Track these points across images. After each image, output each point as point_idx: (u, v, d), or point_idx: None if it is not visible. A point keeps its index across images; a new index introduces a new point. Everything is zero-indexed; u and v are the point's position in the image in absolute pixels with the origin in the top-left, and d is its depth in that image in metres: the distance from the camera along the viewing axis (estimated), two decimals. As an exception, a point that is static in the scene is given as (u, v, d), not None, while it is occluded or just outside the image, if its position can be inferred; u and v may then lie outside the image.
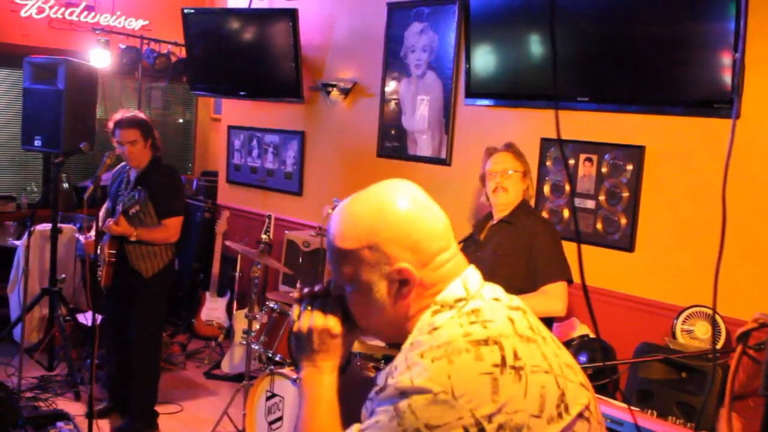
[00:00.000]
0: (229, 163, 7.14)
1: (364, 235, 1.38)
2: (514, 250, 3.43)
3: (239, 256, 6.05)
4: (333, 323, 1.49)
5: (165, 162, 4.74)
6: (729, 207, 1.64)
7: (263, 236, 4.83)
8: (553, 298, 3.33)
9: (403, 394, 1.27)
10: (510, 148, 3.68)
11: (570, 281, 3.40)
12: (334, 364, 1.51)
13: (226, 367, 5.52)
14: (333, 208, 3.79)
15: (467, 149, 5.08)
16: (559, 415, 1.30)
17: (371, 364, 3.79)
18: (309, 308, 1.53)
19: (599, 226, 4.36)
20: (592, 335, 4.10)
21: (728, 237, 1.73)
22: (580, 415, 1.33)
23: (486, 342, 1.29)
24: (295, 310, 1.56)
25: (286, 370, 3.82)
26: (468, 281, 1.42)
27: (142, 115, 4.67)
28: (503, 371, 1.27)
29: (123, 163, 4.68)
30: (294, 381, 3.57)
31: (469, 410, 1.23)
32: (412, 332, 1.38)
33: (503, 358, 1.28)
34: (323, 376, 1.50)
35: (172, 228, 4.51)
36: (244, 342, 4.47)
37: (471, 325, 1.32)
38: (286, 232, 6.07)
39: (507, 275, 3.15)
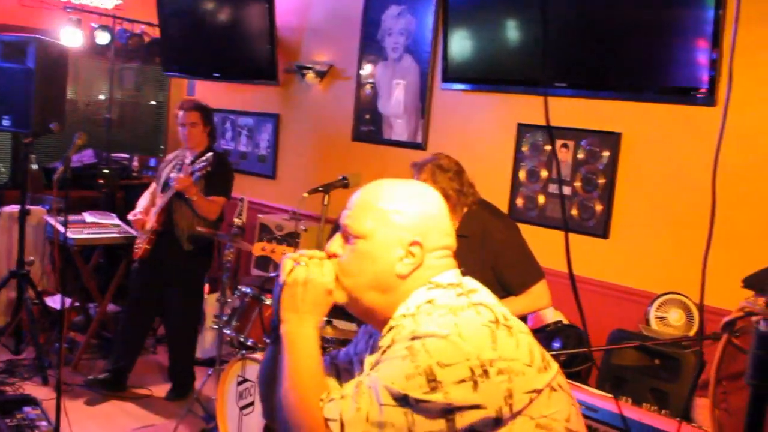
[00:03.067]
0: (202, 146, 7.04)
1: (401, 202, 1.59)
2: (475, 266, 3.18)
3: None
4: (329, 280, 1.59)
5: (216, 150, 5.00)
6: (706, 196, 1.62)
7: (236, 219, 4.77)
8: (538, 297, 3.32)
9: (416, 337, 1.43)
10: (418, 171, 3.33)
11: (543, 275, 3.35)
12: (317, 321, 1.60)
13: (197, 351, 5.46)
14: (308, 193, 3.76)
15: (443, 134, 5.04)
16: (545, 368, 1.50)
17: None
18: (306, 264, 1.60)
19: (575, 212, 4.35)
20: (565, 321, 4.10)
21: (704, 225, 1.71)
22: (558, 372, 1.54)
23: (479, 304, 1.49)
24: (287, 264, 1.61)
25: (257, 355, 3.78)
26: (458, 274, 1.63)
27: (204, 103, 5.03)
28: (498, 327, 1.46)
29: (179, 149, 5.08)
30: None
31: (475, 353, 1.40)
32: (405, 301, 1.56)
33: (496, 318, 1.48)
34: (309, 331, 1.57)
35: (217, 205, 4.81)
36: (216, 326, 4.42)
37: (459, 297, 1.52)
38: (259, 215, 6.02)
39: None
